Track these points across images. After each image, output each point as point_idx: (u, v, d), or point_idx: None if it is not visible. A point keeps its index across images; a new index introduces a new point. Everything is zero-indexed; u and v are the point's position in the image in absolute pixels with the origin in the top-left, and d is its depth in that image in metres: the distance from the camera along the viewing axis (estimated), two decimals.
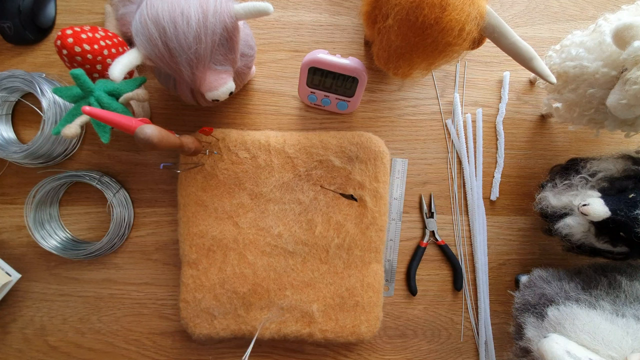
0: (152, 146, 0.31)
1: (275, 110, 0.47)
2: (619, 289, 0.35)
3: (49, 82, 0.43)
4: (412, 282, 0.47)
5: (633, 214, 0.31)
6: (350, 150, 0.44)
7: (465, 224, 0.49)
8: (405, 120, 0.49)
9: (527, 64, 0.33)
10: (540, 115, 0.50)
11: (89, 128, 0.46)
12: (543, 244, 0.49)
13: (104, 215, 0.46)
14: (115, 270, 0.46)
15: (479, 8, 0.30)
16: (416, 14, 0.30)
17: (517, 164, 0.49)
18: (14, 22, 0.44)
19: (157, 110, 0.47)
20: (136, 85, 0.38)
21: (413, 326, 0.48)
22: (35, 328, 0.46)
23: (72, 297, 0.46)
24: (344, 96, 0.43)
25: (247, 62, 0.39)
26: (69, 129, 0.33)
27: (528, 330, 0.36)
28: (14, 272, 0.45)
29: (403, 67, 0.35)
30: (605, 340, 0.29)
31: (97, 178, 0.44)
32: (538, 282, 0.40)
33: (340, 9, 0.48)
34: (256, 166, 0.44)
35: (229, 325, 0.44)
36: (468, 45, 0.32)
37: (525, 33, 0.50)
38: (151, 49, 0.31)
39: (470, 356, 0.49)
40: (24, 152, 0.41)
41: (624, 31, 0.30)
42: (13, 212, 0.46)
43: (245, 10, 0.31)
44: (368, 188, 0.44)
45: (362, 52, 0.49)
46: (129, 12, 0.39)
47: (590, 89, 0.35)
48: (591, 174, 0.38)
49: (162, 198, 0.47)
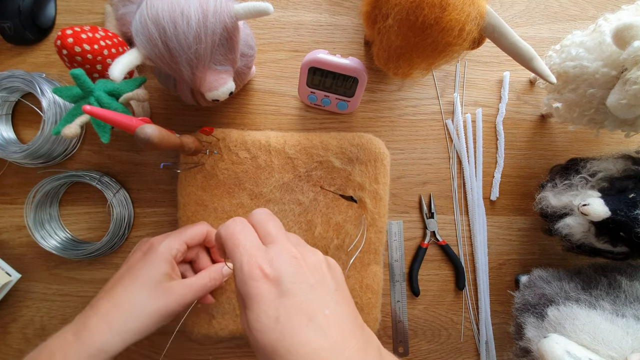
0: (153, 146, 0.31)
1: (275, 110, 0.47)
2: (619, 289, 0.35)
3: (49, 82, 0.43)
4: (414, 283, 0.47)
5: (633, 214, 0.31)
6: (351, 152, 0.44)
7: (466, 224, 0.49)
8: (405, 120, 0.49)
9: (527, 64, 0.33)
10: (540, 115, 0.50)
11: (89, 128, 0.46)
12: (543, 244, 0.49)
13: (104, 215, 0.46)
14: (115, 270, 0.46)
15: (479, 8, 0.30)
16: (416, 14, 0.30)
17: (517, 164, 0.49)
18: (14, 22, 0.44)
19: (157, 110, 0.47)
20: (136, 85, 0.38)
21: (413, 326, 0.48)
22: (35, 328, 0.46)
23: (72, 297, 0.46)
24: (344, 96, 0.43)
25: (247, 62, 0.39)
26: (69, 129, 0.33)
27: (528, 330, 0.36)
28: (14, 272, 0.45)
29: (403, 67, 0.35)
30: (605, 340, 0.29)
31: (97, 178, 0.44)
32: (538, 282, 0.40)
33: (340, 9, 0.48)
34: (256, 166, 0.44)
35: (227, 325, 0.44)
36: (468, 45, 0.32)
37: (525, 33, 0.50)
38: (151, 49, 0.31)
39: (470, 356, 0.49)
40: (24, 152, 0.41)
41: (624, 31, 0.30)
42: (13, 212, 0.46)
43: (245, 10, 0.31)
44: (368, 189, 0.44)
45: (362, 52, 0.49)
46: (129, 12, 0.39)
47: (590, 89, 0.35)
48: (591, 174, 0.38)
49: (162, 198, 0.47)
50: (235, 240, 0.27)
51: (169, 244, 0.36)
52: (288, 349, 0.23)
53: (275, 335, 0.23)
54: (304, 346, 0.23)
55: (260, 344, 0.23)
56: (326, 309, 0.25)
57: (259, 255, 0.26)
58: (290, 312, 0.24)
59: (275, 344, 0.23)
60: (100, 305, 0.33)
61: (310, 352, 0.23)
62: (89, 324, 0.31)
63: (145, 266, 0.34)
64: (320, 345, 0.23)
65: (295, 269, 0.26)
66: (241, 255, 0.26)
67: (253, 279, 0.25)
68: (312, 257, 0.27)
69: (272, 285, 0.25)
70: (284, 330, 0.23)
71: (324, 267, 0.28)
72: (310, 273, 0.26)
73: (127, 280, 0.34)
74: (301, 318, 0.24)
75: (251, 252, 0.26)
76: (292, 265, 0.26)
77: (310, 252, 0.28)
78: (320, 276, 0.27)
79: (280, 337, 0.23)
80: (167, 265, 0.35)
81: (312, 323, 0.24)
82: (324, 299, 0.25)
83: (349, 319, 0.26)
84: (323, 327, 0.24)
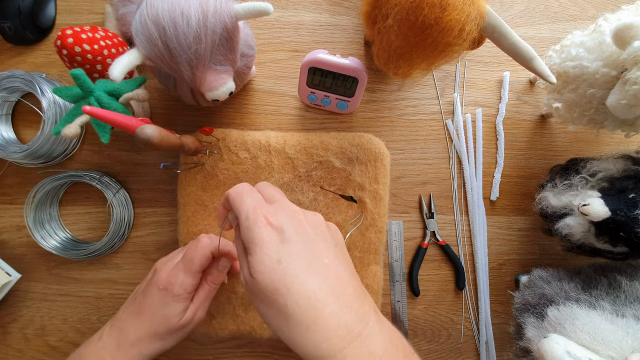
0: (153, 146, 0.31)
1: (275, 110, 0.47)
2: (619, 289, 0.35)
3: (49, 82, 0.43)
4: (414, 283, 0.47)
5: (633, 214, 0.31)
6: (351, 152, 0.44)
7: (466, 224, 0.49)
8: (405, 120, 0.49)
9: (527, 64, 0.33)
10: (540, 115, 0.50)
11: (89, 128, 0.46)
12: (543, 244, 0.49)
13: (104, 215, 0.46)
14: (115, 270, 0.46)
15: (479, 8, 0.30)
16: (416, 14, 0.30)
17: (517, 164, 0.49)
18: (14, 22, 0.44)
19: (157, 110, 0.47)
20: (136, 85, 0.38)
21: (413, 326, 0.48)
22: (35, 328, 0.46)
23: (72, 297, 0.46)
24: (344, 96, 0.43)
25: (247, 62, 0.39)
26: (69, 129, 0.33)
27: (528, 330, 0.36)
28: (14, 272, 0.45)
29: (403, 67, 0.35)
30: (605, 340, 0.29)
31: (97, 178, 0.44)
32: (538, 282, 0.40)
33: (340, 9, 0.48)
34: (256, 166, 0.44)
35: (227, 325, 0.44)
36: (468, 45, 0.32)
37: (525, 33, 0.50)
38: (151, 49, 0.31)
39: (470, 356, 0.49)
40: (24, 152, 0.41)
41: (624, 31, 0.30)
42: (13, 212, 0.46)
43: (245, 10, 0.31)
44: (368, 189, 0.44)
45: (362, 52, 0.49)
46: (129, 12, 0.39)
47: (590, 89, 0.35)
48: (591, 174, 0.38)
49: (162, 198, 0.47)
50: (242, 197, 0.29)
51: (184, 283, 0.37)
52: (288, 287, 0.24)
53: (277, 275, 0.25)
54: (303, 285, 0.25)
55: (262, 284, 0.25)
56: (325, 258, 0.27)
57: (264, 207, 0.28)
58: (292, 257, 0.26)
59: (276, 284, 0.25)
60: (128, 332, 0.36)
61: (309, 291, 0.25)
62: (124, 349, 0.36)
63: (162, 308, 0.36)
64: (318, 286, 0.25)
65: (297, 222, 0.28)
66: (247, 206, 0.28)
67: (258, 225, 0.26)
68: (313, 217, 0.30)
69: (275, 231, 0.26)
70: (286, 270, 0.25)
71: (323, 226, 0.30)
72: (310, 228, 0.28)
73: (147, 317, 0.37)
74: (302, 262, 0.26)
75: (256, 205, 0.28)
76: (294, 219, 0.28)
77: (311, 213, 0.30)
78: (320, 232, 0.29)
79: (282, 277, 0.25)
80: (185, 303, 0.37)
81: (312, 267, 0.26)
82: (323, 250, 0.27)
83: (347, 272, 0.28)
84: (321, 273, 0.26)
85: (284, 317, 0.24)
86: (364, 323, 0.25)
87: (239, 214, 0.28)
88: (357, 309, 0.26)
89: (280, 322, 0.25)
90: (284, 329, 0.25)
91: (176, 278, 0.37)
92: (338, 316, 0.24)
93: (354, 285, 0.27)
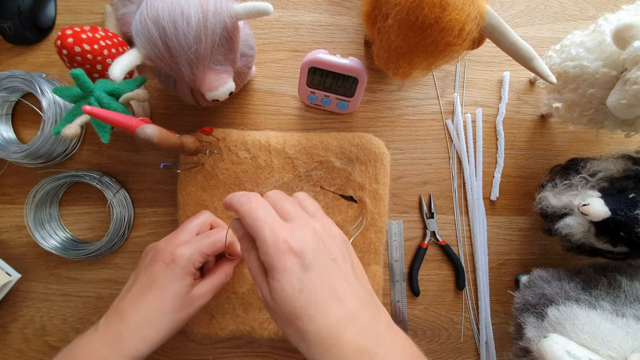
0: (153, 146, 0.31)
1: (275, 110, 0.47)
2: (619, 289, 0.35)
3: (49, 82, 0.43)
4: (414, 283, 0.47)
5: (633, 214, 0.31)
6: (351, 152, 0.44)
7: (466, 224, 0.49)
8: (405, 120, 0.49)
9: (527, 64, 0.33)
10: (540, 115, 0.50)
11: (89, 128, 0.46)
12: (543, 244, 0.49)
13: (104, 215, 0.46)
14: (115, 270, 0.46)
15: (479, 8, 0.30)
16: (416, 14, 0.30)
17: (517, 164, 0.49)
18: (14, 22, 0.44)
19: (157, 110, 0.47)
20: (136, 85, 0.38)
21: (413, 326, 0.48)
22: (35, 328, 0.46)
23: (72, 297, 0.46)
24: (344, 96, 0.43)
25: (247, 62, 0.39)
26: (69, 129, 0.33)
27: (528, 330, 0.36)
28: (14, 272, 0.45)
29: (403, 67, 0.35)
30: (605, 340, 0.29)
31: (97, 178, 0.44)
32: (538, 282, 0.40)
33: (340, 9, 0.48)
34: (256, 166, 0.44)
35: (227, 325, 0.44)
36: (468, 45, 0.32)
37: (525, 33, 0.50)
38: (151, 49, 0.31)
39: (470, 356, 0.49)
40: (24, 152, 0.41)
41: (624, 31, 0.30)
42: (13, 212, 0.46)
43: (245, 10, 0.31)
44: (368, 189, 0.44)
45: (362, 52, 0.49)
46: (129, 12, 0.39)
47: (590, 89, 0.35)
48: (591, 174, 0.38)
49: (162, 198, 0.47)
50: (256, 214, 0.28)
51: (191, 257, 0.36)
52: (310, 317, 0.25)
53: (299, 304, 0.25)
54: (324, 316, 0.26)
55: (283, 309, 0.26)
56: (345, 282, 0.28)
57: (282, 228, 0.27)
58: (314, 285, 0.26)
59: (298, 312, 0.25)
60: (129, 317, 0.34)
61: (330, 321, 0.26)
62: (122, 336, 0.34)
63: (171, 281, 0.36)
64: (339, 314, 0.26)
65: (317, 244, 0.28)
66: (264, 228, 0.27)
67: (279, 251, 0.26)
68: (333, 230, 0.30)
69: (296, 258, 0.26)
70: (308, 300, 0.26)
71: (339, 240, 0.30)
72: (330, 248, 0.28)
73: (153, 294, 0.35)
74: (324, 290, 0.26)
75: (273, 226, 0.27)
76: (314, 241, 0.28)
77: (329, 224, 0.30)
78: (339, 251, 0.29)
79: (304, 306, 0.25)
80: (191, 278, 0.37)
81: (333, 295, 0.26)
82: (343, 273, 0.28)
83: (363, 290, 0.28)
84: (342, 299, 0.27)
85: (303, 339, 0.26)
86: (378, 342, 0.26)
87: (256, 235, 0.27)
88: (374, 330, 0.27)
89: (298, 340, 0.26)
90: (302, 346, 0.26)
91: (182, 251, 0.36)
92: (356, 341, 0.26)
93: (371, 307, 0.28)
